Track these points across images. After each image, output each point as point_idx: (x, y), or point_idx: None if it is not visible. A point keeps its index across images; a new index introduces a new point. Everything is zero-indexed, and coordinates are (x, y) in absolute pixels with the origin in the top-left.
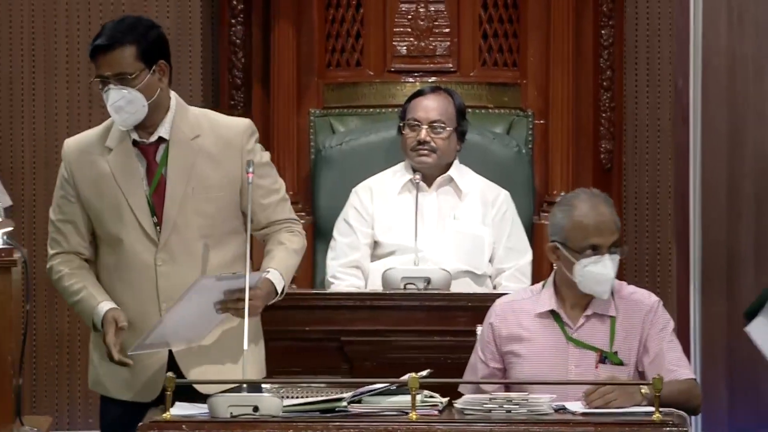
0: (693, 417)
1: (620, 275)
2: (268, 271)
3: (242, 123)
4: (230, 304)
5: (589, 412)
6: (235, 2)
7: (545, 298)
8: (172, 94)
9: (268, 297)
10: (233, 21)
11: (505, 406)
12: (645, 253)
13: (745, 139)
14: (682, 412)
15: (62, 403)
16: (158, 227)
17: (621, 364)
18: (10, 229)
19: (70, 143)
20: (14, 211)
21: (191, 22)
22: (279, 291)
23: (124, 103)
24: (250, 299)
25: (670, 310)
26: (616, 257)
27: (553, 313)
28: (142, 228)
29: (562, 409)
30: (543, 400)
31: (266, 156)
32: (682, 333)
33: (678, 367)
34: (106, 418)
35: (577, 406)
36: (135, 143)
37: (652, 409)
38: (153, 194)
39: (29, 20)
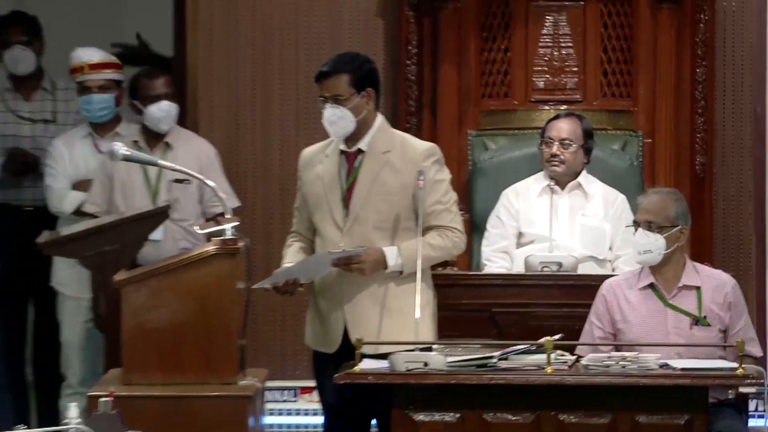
0: None
1: (710, 262)
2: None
3: (425, 146)
4: (342, 267)
5: (687, 368)
6: (410, 48)
7: (644, 275)
8: (379, 115)
9: (376, 264)
10: (408, 62)
11: (620, 363)
12: (731, 245)
13: None
14: (760, 368)
15: (275, 359)
16: (347, 218)
17: (708, 325)
18: (237, 223)
19: (304, 152)
20: (240, 210)
21: (376, 63)
22: (390, 264)
23: (336, 119)
24: (357, 263)
25: (750, 290)
26: (650, 233)
27: (651, 286)
28: (333, 218)
29: (665, 366)
30: (650, 358)
31: (442, 174)
32: (759, 309)
33: (751, 345)
34: (314, 364)
35: (677, 363)
36: (342, 152)
37: (736, 365)
38: (347, 192)
39: (252, 61)
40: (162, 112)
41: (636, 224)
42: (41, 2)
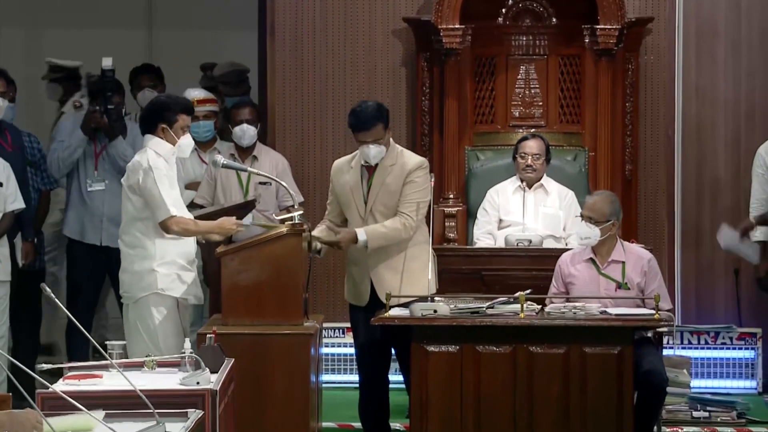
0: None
1: (636, 239)
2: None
3: (416, 160)
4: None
5: (619, 313)
6: (424, 88)
7: (587, 252)
8: (391, 140)
9: (349, 241)
10: (423, 98)
11: (572, 310)
12: (650, 227)
13: (705, 159)
14: (671, 314)
15: (329, 307)
16: (365, 211)
17: (628, 288)
18: (302, 212)
19: (335, 163)
20: (304, 202)
21: (401, 99)
22: (360, 240)
23: (378, 153)
24: (336, 242)
25: (663, 258)
26: (590, 225)
27: (591, 260)
28: (358, 211)
29: (603, 312)
30: (593, 306)
31: (421, 180)
32: (670, 271)
33: (663, 301)
34: (351, 315)
35: (613, 311)
36: (363, 166)
37: (653, 311)
38: (368, 193)
39: (312, 100)
40: (241, 131)
41: (582, 217)
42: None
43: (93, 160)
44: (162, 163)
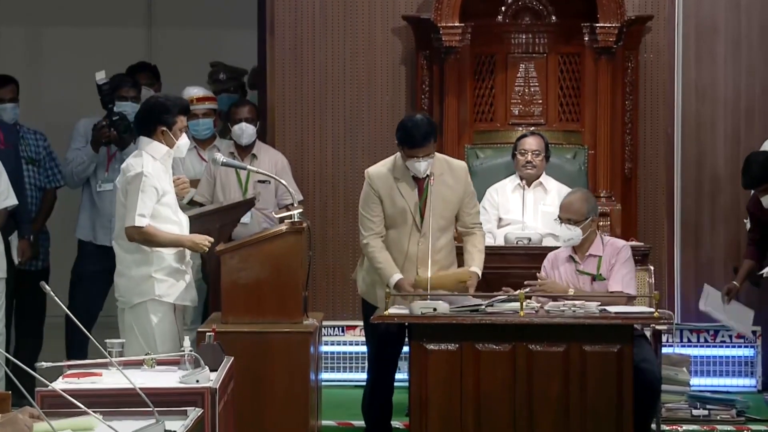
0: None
1: (635, 237)
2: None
3: (463, 165)
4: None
5: (618, 311)
6: (424, 86)
7: (569, 250)
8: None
9: (477, 280)
10: (423, 96)
11: (572, 308)
12: (649, 224)
13: (705, 157)
14: (670, 312)
15: (329, 305)
16: (421, 222)
17: (604, 280)
18: (301, 210)
19: (374, 171)
20: (303, 201)
21: (400, 97)
22: (479, 274)
23: (429, 166)
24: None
25: (662, 255)
26: (570, 226)
27: (571, 257)
28: (415, 223)
29: (603, 310)
30: (593, 304)
31: (473, 187)
32: (669, 268)
33: (621, 284)
34: (365, 312)
35: (613, 309)
36: (413, 177)
37: (653, 309)
38: (422, 206)
39: (312, 97)
40: (240, 130)
41: (560, 219)
42: None
43: (105, 164)
44: (156, 168)
